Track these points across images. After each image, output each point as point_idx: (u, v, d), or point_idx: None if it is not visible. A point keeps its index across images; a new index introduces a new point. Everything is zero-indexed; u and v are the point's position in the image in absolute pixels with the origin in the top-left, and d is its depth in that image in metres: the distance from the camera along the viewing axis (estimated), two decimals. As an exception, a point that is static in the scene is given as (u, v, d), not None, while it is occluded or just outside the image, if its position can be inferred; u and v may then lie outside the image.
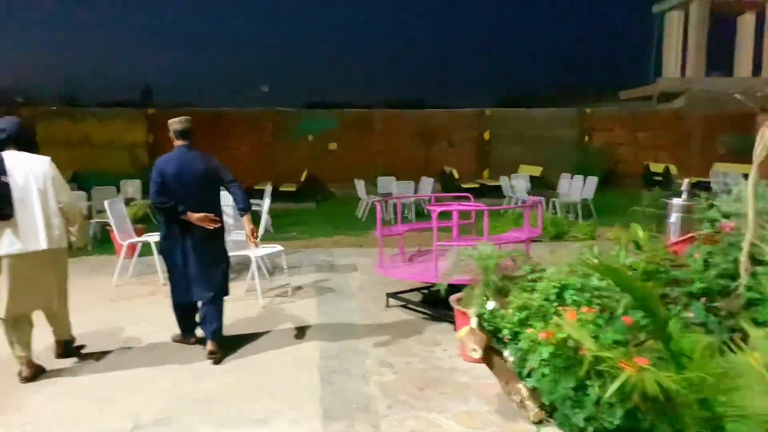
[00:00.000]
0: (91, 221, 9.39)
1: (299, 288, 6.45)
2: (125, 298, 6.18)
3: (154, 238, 6.68)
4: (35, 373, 4.05)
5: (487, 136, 17.47)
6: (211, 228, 4.50)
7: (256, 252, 5.97)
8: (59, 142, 15.93)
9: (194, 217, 4.45)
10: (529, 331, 3.18)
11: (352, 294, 6.21)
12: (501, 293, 4.03)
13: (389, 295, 5.79)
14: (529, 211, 6.20)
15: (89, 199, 11.25)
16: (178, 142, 4.55)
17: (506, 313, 3.66)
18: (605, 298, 3.45)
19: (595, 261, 3.39)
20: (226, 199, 7.08)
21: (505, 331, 3.48)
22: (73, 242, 4.39)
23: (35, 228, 4.06)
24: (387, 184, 14.16)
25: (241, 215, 4.66)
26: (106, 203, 6.82)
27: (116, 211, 6.94)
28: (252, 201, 11.60)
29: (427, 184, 13.29)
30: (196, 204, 4.48)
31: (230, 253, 5.90)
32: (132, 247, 7.13)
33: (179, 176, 4.44)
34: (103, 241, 8.91)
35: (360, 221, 12.55)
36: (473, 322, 3.57)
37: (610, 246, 4.43)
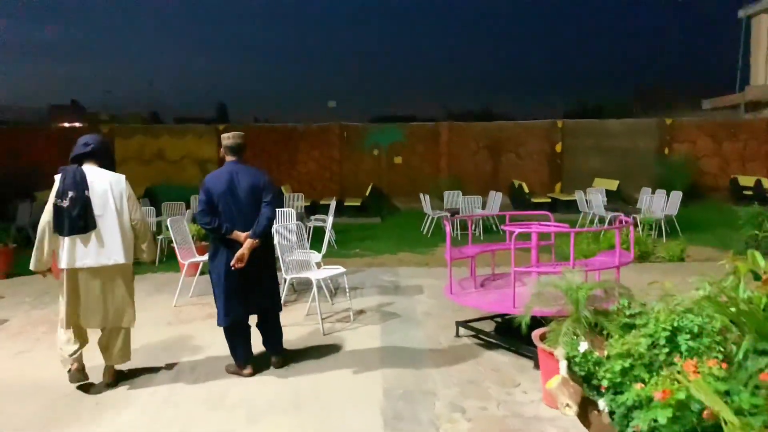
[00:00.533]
0: (159, 237, 9.40)
1: (362, 312, 6.06)
2: (183, 320, 5.97)
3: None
4: (81, 377, 4.09)
5: (558, 148, 16.67)
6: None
7: (318, 274, 5.63)
8: (134, 158, 16.40)
9: (242, 237, 4.37)
10: (638, 386, 2.63)
11: (419, 321, 5.76)
12: (594, 331, 3.48)
13: (459, 324, 5.31)
14: (619, 232, 5.55)
15: (158, 214, 11.37)
16: (228, 158, 4.47)
17: (602, 356, 3.11)
18: (723, 344, 2.85)
19: (721, 297, 2.80)
20: (282, 218, 6.83)
21: (604, 381, 2.93)
22: (143, 258, 4.47)
23: (110, 243, 4.16)
24: (454, 198, 13.66)
25: (250, 236, 4.41)
26: (168, 221, 6.68)
27: (178, 229, 6.80)
28: (317, 216, 11.51)
29: (495, 199, 12.69)
30: (245, 222, 4.39)
31: (292, 275, 5.63)
32: (194, 266, 6.98)
33: (228, 194, 4.36)
34: (170, 256, 8.87)
35: (425, 237, 12.12)
36: (563, 367, 3.04)
37: (711, 271, 3.78)
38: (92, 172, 4.25)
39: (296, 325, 5.61)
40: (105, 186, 4.23)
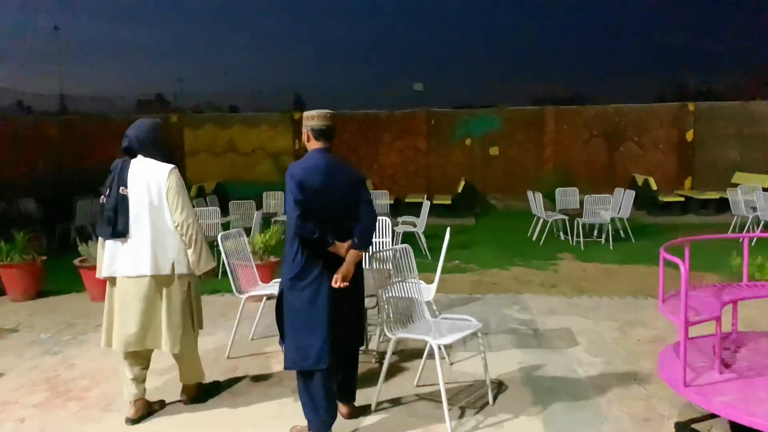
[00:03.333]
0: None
1: (501, 386, 3.99)
2: (236, 375, 4.18)
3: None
4: (142, 414, 3.56)
5: (690, 136, 13.92)
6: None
7: (442, 337, 3.62)
8: (205, 150, 15.06)
9: (343, 249, 3.24)
10: None
11: (598, 409, 3.64)
12: None
13: (680, 428, 3.20)
14: None
15: (225, 214, 9.80)
16: (315, 144, 3.33)
17: None
18: None
19: None
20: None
21: None
22: (195, 270, 3.59)
23: (144, 250, 3.46)
24: (568, 197, 11.36)
25: (354, 247, 3.25)
26: (219, 238, 4.89)
27: (232, 246, 5.01)
28: (405, 219, 9.52)
29: (626, 197, 10.26)
30: (337, 229, 3.26)
31: (400, 333, 3.69)
32: (257, 297, 5.19)
33: (324, 192, 3.20)
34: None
35: (536, 245, 9.97)
36: None
37: None
38: (137, 165, 3.55)
39: (403, 403, 3.69)
40: (144, 180, 3.49)
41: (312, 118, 3.26)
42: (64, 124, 15.11)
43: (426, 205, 10.35)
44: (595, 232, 10.07)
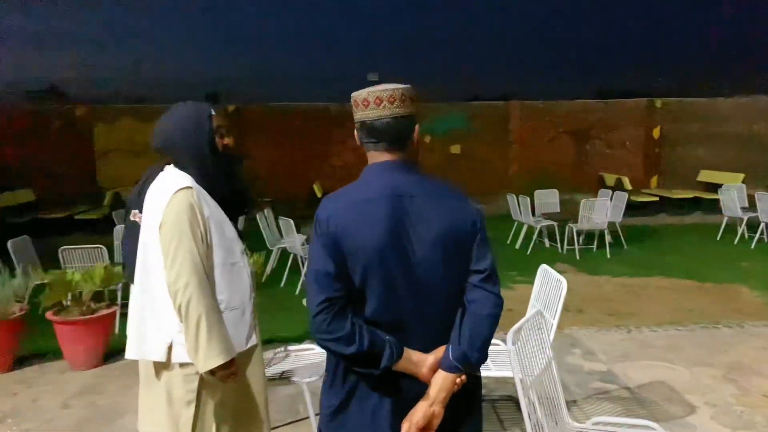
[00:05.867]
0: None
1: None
2: None
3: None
4: None
5: (656, 133, 13.33)
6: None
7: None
8: (120, 149, 12.84)
9: (424, 367, 1.65)
10: None
11: None
12: None
13: None
14: None
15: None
16: (376, 156, 1.72)
17: None
18: None
19: None
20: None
21: None
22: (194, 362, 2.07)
23: (132, 316, 2.22)
24: (549, 200, 10.29)
25: (446, 365, 1.64)
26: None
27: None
28: None
29: (615, 200, 9.29)
30: (423, 320, 1.67)
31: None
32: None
33: (390, 254, 1.61)
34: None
35: (523, 254, 8.86)
36: None
37: None
38: (162, 179, 2.17)
39: None
40: (151, 206, 2.12)
41: (365, 104, 1.67)
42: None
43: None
44: (581, 239, 9.03)
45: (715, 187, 12.28)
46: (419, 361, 1.64)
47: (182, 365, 2.08)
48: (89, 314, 4.75)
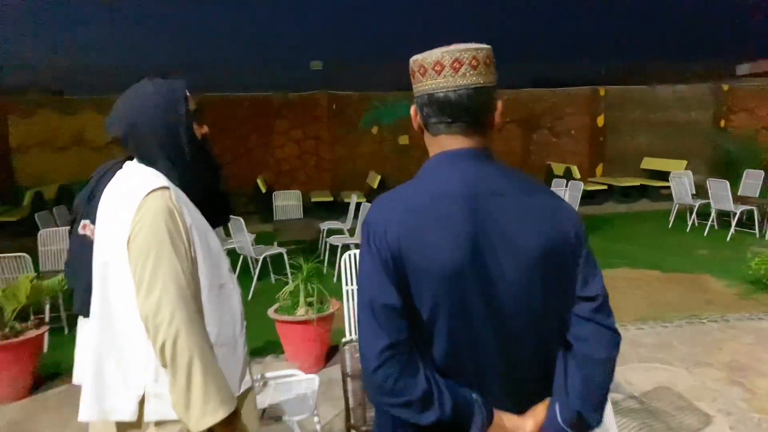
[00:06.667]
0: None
1: None
2: None
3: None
4: None
5: (601, 121, 13.43)
6: None
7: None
8: (41, 144, 11.68)
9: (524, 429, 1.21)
10: None
11: None
12: None
13: None
14: None
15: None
16: (447, 141, 1.26)
17: None
18: None
19: None
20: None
21: None
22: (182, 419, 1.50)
23: (87, 366, 1.62)
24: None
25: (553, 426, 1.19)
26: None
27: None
28: (330, 224, 7.47)
29: (571, 189, 9.18)
30: (510, 363, 1.21)
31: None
32: None
33: (468, 274, 1.15)
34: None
35: None
36: None
37: None
38: (121, 179, 1.63)
39: None
40: (111, 214, 1.57)
41: (436, 70, 1.23)
42: None
43: (354, 202, 8.55)
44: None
45: (658, 175, 12.52)
46: (514, 427, 1.21)
47: (159, 424, 1.55)
48: (13, 337, 4.05)
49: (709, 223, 9.14)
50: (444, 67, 1.21)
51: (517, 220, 1.19)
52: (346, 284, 3.68)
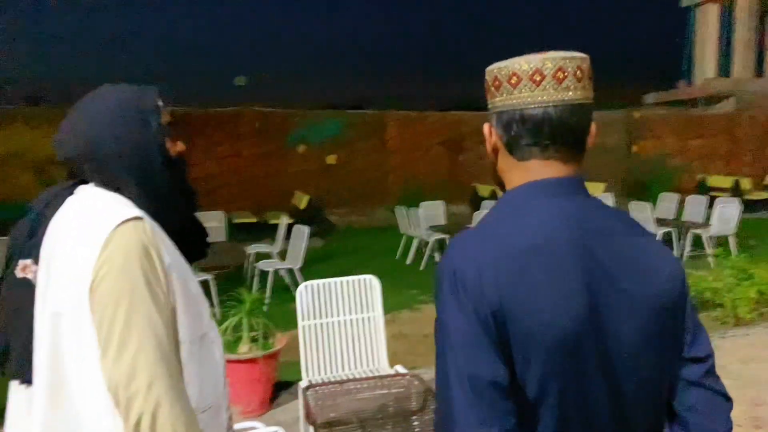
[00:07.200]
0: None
1: None
2: None
3: None
4: None
5: (524, 145, 13.73)
6: None
7: None
8: None
9: None
10: None
11: None
12: None
13: None
14: None
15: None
16: (537, 169, 1.02)
17: None
18: None
19: None
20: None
21: None
22: None
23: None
24: (437, 211, 9.96)
25: None
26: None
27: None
28: (256, 247, 6.89)
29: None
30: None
31: None
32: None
33: (585, 335, 0.92)
34: None
35: (415, 269, 8.44)
36: None
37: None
38: (73, 207, 1.22)
39: None
40: (65, 252, 1.16)
41: (534, 81, 0.98)
42: None
43: (283, 226, 8.12)
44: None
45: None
46: None
47: None
48: None
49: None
50: (544, 77, 0.98)
51: (630, 266, 0.98)
52: (303, 318, 3.28)
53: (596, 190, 12.48)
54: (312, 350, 3.22)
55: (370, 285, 3.42)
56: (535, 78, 0.98)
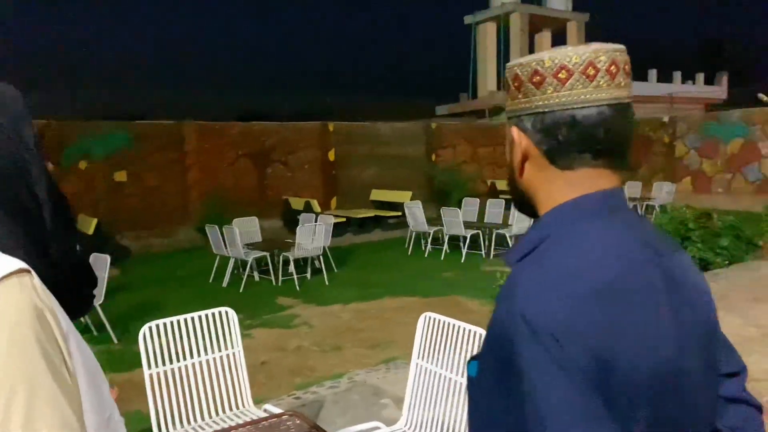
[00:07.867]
0: None
1: None
2: None
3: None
4: None
5: (332, 156, 13.62)
6: None
7: None
8: None
9: None
10: None
11: None
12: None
13: None
14: None
15: None
16: (583, 181, 0.85)
17: None
18: None
19: None
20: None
21: None
22: None
23: None
24: (249, 228, 9.26)
25: None
26: None
27: None
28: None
29: (320, 226, 8.88)
30: None
31: None
32: None
33: (683, 373, 0.79)
34: None
35: (234, 292, 7.77)
36: None
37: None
38: None
39: None
40: None
41: (588, 76, 0.81)
42: None
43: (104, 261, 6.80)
44: (290, 267, 8.33)
45: (387, 205, 13.21)
46: None
47: None
48: None
49: (444, 247, 9.74)
50: (598, 72, 0.82)
51: (694, 287, 0.87)
52: (150, 367, 2.59)
53: (404, 198, 12.82)
54: (161, 401, 2.57)
55: (226, 318, 2.86)
56: (588, 72, 0.82)
